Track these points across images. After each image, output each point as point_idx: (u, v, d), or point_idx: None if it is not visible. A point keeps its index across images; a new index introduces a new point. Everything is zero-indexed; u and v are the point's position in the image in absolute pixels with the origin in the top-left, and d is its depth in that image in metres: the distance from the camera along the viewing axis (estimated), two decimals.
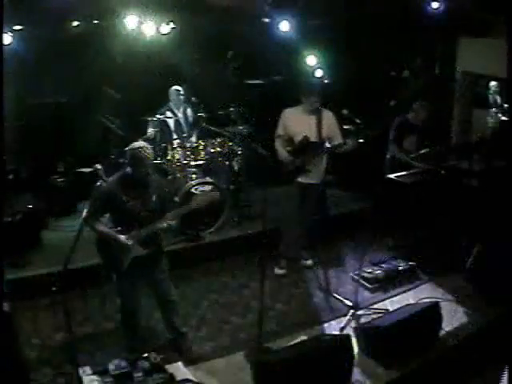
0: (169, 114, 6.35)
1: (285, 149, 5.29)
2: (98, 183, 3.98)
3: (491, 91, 7.38)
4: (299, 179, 5.32)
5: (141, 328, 4.41)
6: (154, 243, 4.03)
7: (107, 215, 4.09)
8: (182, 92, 6.41)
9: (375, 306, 5.02)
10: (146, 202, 3.95)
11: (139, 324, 4.35)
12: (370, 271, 5.46)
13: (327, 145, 5.25)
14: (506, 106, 7.09)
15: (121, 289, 4.13)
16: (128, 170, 3.93)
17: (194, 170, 6.10)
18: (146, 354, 3.97)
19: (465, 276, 5.36)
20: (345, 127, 5.81)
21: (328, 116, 5.28)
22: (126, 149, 3.96)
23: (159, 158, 6.12)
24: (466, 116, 7.83)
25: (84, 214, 3.88)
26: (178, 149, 6.02)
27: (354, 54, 7.07)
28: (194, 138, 6.44)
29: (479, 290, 5.12)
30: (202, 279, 5.51)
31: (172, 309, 4.25)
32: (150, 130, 6.31)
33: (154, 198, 3.97)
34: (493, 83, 7.30)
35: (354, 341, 4.22)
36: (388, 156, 6.01)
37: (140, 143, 4.00)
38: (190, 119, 6.57)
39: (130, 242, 3.89)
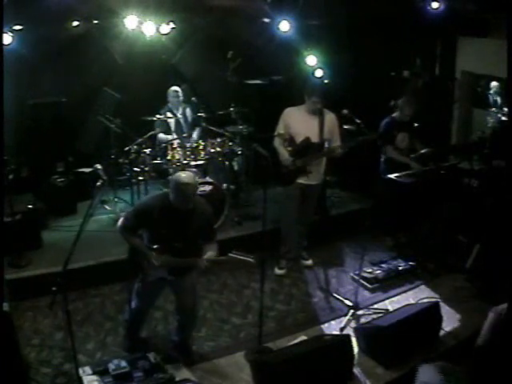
0: (169, 114, 6.35)
1: (285, 148, 5.28)
2: (98, 183, 3.97)
3: (492, 91, 7.38)
4: (299, 180, 5.32)
5: (141, 331, 4.42)
6: (183, 272, 3.89)
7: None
8: (179, 92, 6.41)
9: (375, 306, 5.02)
10: (182, 234, 3.73)
11: (142, 327, 4.36)
12: (369, 271, 5.46)
13: (327, 145, 5.25)
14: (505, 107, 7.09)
15: (140, 295, 4.04)
16: (171, 197, 3.66)
17: (194, 170, 6.10)
18: (146, 354, 3.98)
19: (465, 276, 5.37)
20: (345, 127, 5.83)
21: (330, 118, 5.27)
22: (171, 178, 3.69)
23: (159, 158, 6.12)
24: (466, 116, 7.83)
25: (120, 222, 3.82)
26: (178, 149, 6.03)
27: (354, 54, 7.07)
28: (194, 138, 6.44)
29: (479, 290, 5.13)
30: (202, 279, 5.50)
31: (190, 320, 4.18)
32: (158, 130, 6.30)
33: (193, 228, 3.74)
34: (494, 83, 7.30)
35: (353, 341, 4.23)
36: (382, 159, 6.00)
37: (188, 176, 3.64)
38: (190, 119, 6.57)
39: (158, 263, 3.73)
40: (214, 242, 3.94)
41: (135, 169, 6.03)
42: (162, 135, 6.33)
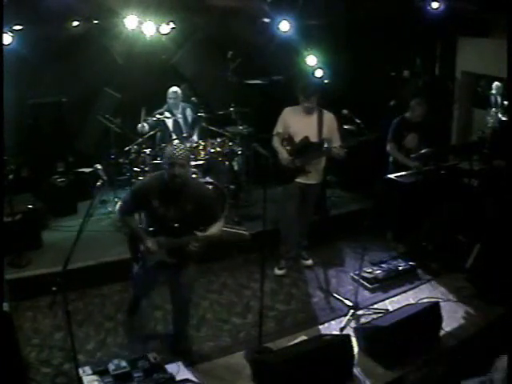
0: (167, 114, 6.35)
1: (284, 148, 5.29)
2: (98, 183, 3.98)
3: (493, 92, 7.38)
4: (299, 179, 5.32)
5: (140, 307, 4.53)
6: (181, 254, 3.87)
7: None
8: (179, 92, 6.40)
9: (375, 306, 5.02)
10: (178, 211, 3.74)
11: (141, 303, 4.50)
12: (369, 271, 5.46)
13: (326, 145, 5.25)
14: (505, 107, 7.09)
15: (139, 282, 4.13)
16: (164, 172, 3.73)
17: (194, 169, 6.10)
18: (146, 354, 3.98)
19: (465, 276, 5.37)
20: (345, 127, 5.83)
21: (329, 118, 5.27)
22: (164, 145, 3.77)
23: (159, 158, 6.12)
24: (466, 116, 7.83)
25: (118, 206, 3.85)
26: None
27: (354, 54, 7.07)
28: (194, 138, 6.44)
29: (479, 290, 5.12)
30: (201, 279, 5.51)
31: (184, 313, 4.21)
32: (146, 126, 6.26)
33: (189, 208, 3.75)
34: (496, 84, 7.30)
35: (353, 341, 4.23)
36: (390, 159, 6.02)
37: (176, 145, 3.80)
38: (190, 119, 6.57)
39: (155, 248, 3.77)
40: (218, 223, 3.87)
41: (135, 169, 6.03)
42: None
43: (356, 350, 4.24)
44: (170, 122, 6.40)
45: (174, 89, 6.41)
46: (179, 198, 3.74)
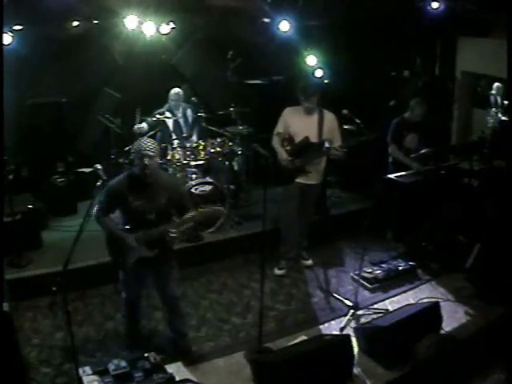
0: (167, 114, 6.35)
1: (284, 148, 5.29)
2: (98, 183, 3.98)
3: (493, 92, 7.38)
4: (299, 179, 5.32)
5: (141, 325, 4.45)
6: (161, 245, 3.91)
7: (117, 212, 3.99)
8: (181, 94, 6.42)
9: (375, 306, 5.02)
10: (153, 203, 3.82)
11: (140, 320, 4.39)
12: (369, 271, 5.46)
13: (327, 145, 5.25)
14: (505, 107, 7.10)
15: (127, 284, 4.12)
16: (134, 167, 3.82)
17: (193, 169, 6.10)
18: (146, 354, 3.98)
19: (465, 276, 5.37)
20: (345, 127, 5.83)
21: (330, 118, 5.27)
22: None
23: (159, 158, 6.11)
24: (466, 116, 7.83)
25: (94, 210, 3.87)
26: (178, 149, 6.03)
27: (354, 54, 7.07)
28: (194, 138, 6.44)
29: (479, 290, 5.12)
30: (201, 279, 5.51)
31: (175, 309, 4.23)
32: (144, 126, 6.27)
33: (163, 200, 3.83)
34: (497, 84, 7.30)
35: (353, 341, 4.23)
36: (390, 159, 6.02)
37: (145, 138, 3.88)
38: (190, 119, 6.57)
39: (134, 244, 3.82)
40: (187, 215, 3.90)
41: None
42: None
43: (356, 350, 4.24)
44: (170, 122, 6.40)
45: (176, 90, 6.41)
46: (152, 191, 3.83)
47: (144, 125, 6.25)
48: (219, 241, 5.96)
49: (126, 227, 3.89)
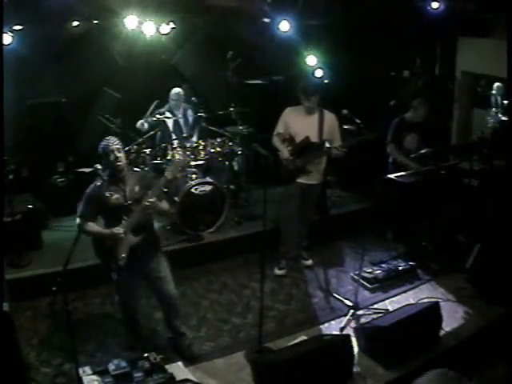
0: (168, 114, 6.35)
1: (285, 148, 5.29)
2: (98, 183, 3.99)
3: (493, 92, 7.38)
4: (299, 179, 5.32)
5: (140, 326, 4.45)
6: (145, 229, 4.02)
7: (101, 221, 4.08)
8: (181, 94, 6.42)
9: (375, 306, 5.02)
10: (129, 192, 3.98)
11: (139, 321, 4.40)
12: (369, 271, 5.46)
13: (327, 145, 5.25)
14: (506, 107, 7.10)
15: (120, 286, 4.14)
16: (104, 167, 4.01)
17: (193, 170, 6.10)
18: (146, 354, 3.98)
19: (465, 276, 5.37)
20: (345, 127, 5.83)
21: (330, 118, 5.27)
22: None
23: (159, 158, 6.12)
24: (466, 116, 7.83)
25: (77, 220, 3.93)
26: (178, 149, 6.03)
27: (354, 54, 7.07)
28: (194, 138, 6.44)
29: (479, 290, 5.12)
30: (202, 279, 5.51)
31: (172, 308, 4.25)
32: (145, 125, 6.28)
33: (137, 188, 4.00)
34: (497, 84, 7.30)
35: (353, 341, 4.23)
36: (390, 159, 6.01)
37: (107, 138, 4.15)
38: (190, 119, 6.57)
39: (121, 233, 3.90)
40: (159, 196, 4.05)
41: (135, 169, 6.01)
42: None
43: (356, 350, 4.24)
44: (170, 122, 6.40)
45: (177, 90, 6.41)
46: (125, 183, 4.01)
47: (145, 124, 6.25)
48: (219, 241, 5.96)
49: (109, 226, 3.98)
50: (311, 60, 6.24)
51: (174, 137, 6.28)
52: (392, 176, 5.42)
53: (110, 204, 3.94)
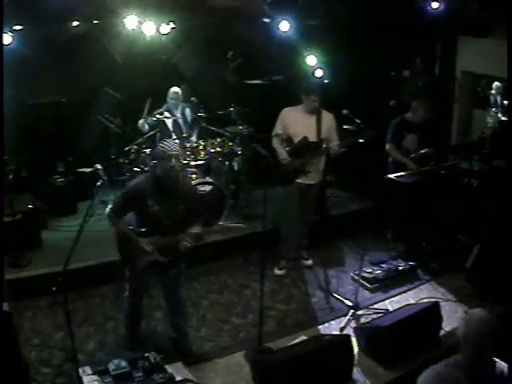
0: (166, 113, 6.35)
1: (284, 149, 5.29)
2: (98, 183, 3.97)
3: (493, 92, 7.37)
4: (298, 180, 5.32)
5: (141, 325, 4.45)
6: (174, 252, 3.90)
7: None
8: (179, 93, 6.41)
9: (375, 306, 5.02)
10: (172, 210, 3.77)
11: (141, 320, 4.40)
12: (369, 271, 5.46)
13: (325, 145, 5.26)
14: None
15: (133, 283, 4.10)
16: (152, 171, 3.79)
17: (194, 169, 6.10)
18: (146, 354, 3.98)
19: (465, 276, 5.37)
20: (345, 127, 5.83)
21: (328, 118, 5.28)
22: (155, 150, 3.80)
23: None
24: (466, 116, 7.83)
25: (108, 209, 3.85)
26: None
27: (354, 54, 7.07)
28: (193, 138, 6.44)
29: (479, 290, 5.12)
30: (202, 279, 5.51)
31: (179, 308, 4.23)
32: (146, 126, 6.28)
33: (180, 207, 3.80)
34: (496, 84, 7.30)
35: (353, 341, 4.23)
36: (390, 159, 6.01)
37: (169, 141, 3.84)
38: (190, 119, 6.57)
39: (148, 248, 3.79)
40: (199, 223, 3.95)
41: (135, 169, 6.03)
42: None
43: (356, 350, 4.24)
44: (169, 122, 6.40)
45: (175, 89, 6.41)
46: (172, 196, 3.79)
47: (145, 124, 6.25)
48: (219, 241, 5.96)
49: (142, 230, 3.84)
50: (311, 60, 6.23)
51: (174, 136, 6.28)
52: (392, 176, 5.43)
53: (148, 213, 3.76)
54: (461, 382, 2.41)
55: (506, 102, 7.09)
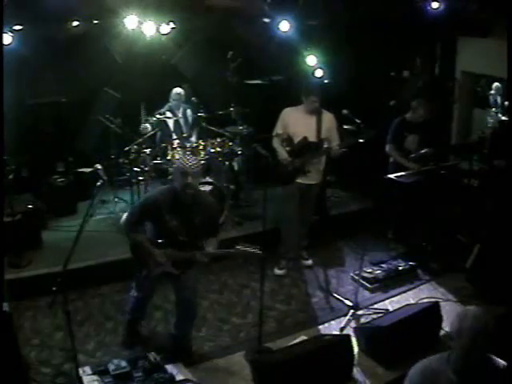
0: (168, 114, 6.35)
1: (284, 149, 5.29)
2: (98, 183, 3.97)
3: (493, 92, 7.37)
4: (299, 180, 5.32)
5: (141, 325, 4.46)
6: (187, 266, 3.92)
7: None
8: (182, 94, 6.43)
9: (375, 306, 5.02)
10: (189, 225, 3.79)
11: (142, 319, 4.42)
12: (369, 271, 5.46)
13: (325, 145, 5.26)
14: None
15: (143, 284, 4.09)
16: (175, 185, 3.78)
17: None
18: (146, 354, 3.98)
19: (465, 276, 5.37)
20: (345, 127, 5.83)
21: (328, 118, 5.27)
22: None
23: (159, 158, 6.12)
24: (466, 116, 7.83)
25: (123, 218, 3.85)
26: (178, 149, 6.03)
27: (354, 54, 7.07)
28: (194, 138, 6.44)
29: (479, 290, 5.12)
30: (202, 279, 5.50)
31: (188, 311, 4.21)
32: (149, 127, 6.28)
33: (197, 221, 3.80)
34: (496, 84, 7.30)
35: (353, 341, 4.23)
36: (391, 160, 6.01)
37: (186, 157, 3.84)
38: (190, 119, 6.57)
39: (162, 260, 3.81)
40: (215, 238, 3.97)
41: (135, 169, 6.03)
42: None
43: (356, 349, 4.24)
44: (170, 122, 6.41)
45: (178, 90, 6.42)
46: (189, 211, 3.79)
47: (148, 126, 6.25)
48: (219, 241, 5.95)
49: (159, 241, 3.85)
50: (311, 60, 6.23)
51: (174, 136, 6.28)
52: (392, 176, 5.42)
53: (165, 227, 3.78)
54: (449, 376, 2.43)
55: (506, 102, 7.09)
